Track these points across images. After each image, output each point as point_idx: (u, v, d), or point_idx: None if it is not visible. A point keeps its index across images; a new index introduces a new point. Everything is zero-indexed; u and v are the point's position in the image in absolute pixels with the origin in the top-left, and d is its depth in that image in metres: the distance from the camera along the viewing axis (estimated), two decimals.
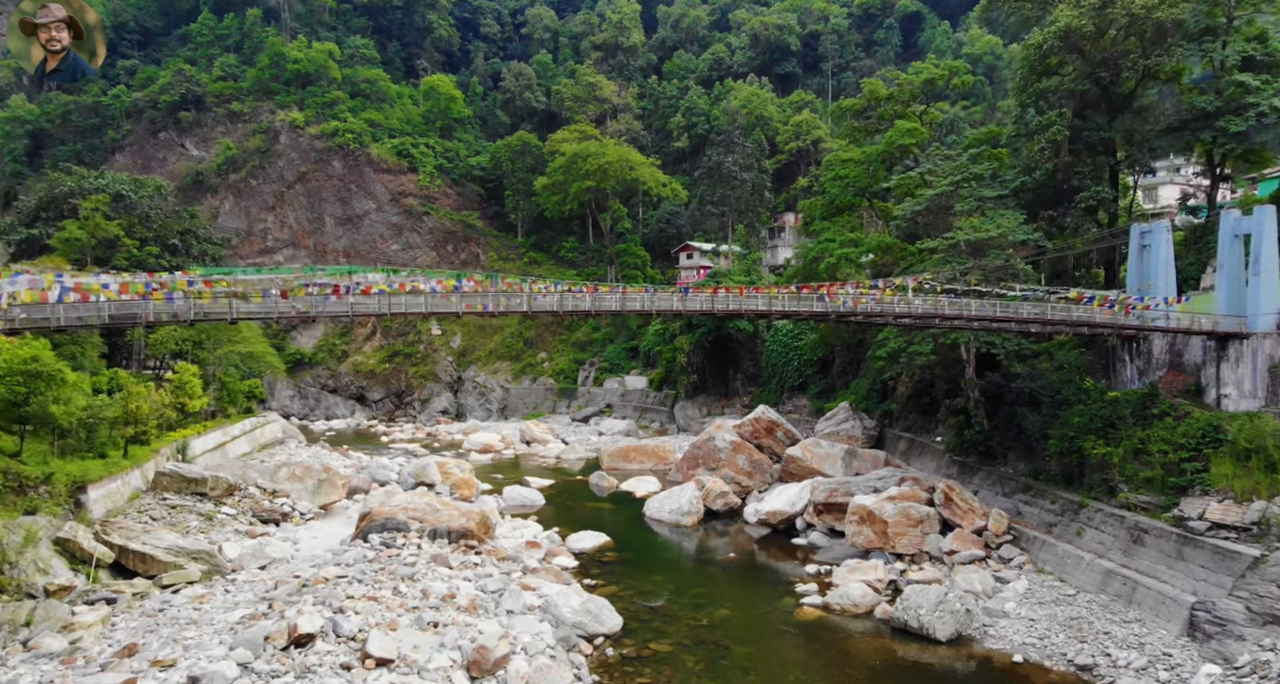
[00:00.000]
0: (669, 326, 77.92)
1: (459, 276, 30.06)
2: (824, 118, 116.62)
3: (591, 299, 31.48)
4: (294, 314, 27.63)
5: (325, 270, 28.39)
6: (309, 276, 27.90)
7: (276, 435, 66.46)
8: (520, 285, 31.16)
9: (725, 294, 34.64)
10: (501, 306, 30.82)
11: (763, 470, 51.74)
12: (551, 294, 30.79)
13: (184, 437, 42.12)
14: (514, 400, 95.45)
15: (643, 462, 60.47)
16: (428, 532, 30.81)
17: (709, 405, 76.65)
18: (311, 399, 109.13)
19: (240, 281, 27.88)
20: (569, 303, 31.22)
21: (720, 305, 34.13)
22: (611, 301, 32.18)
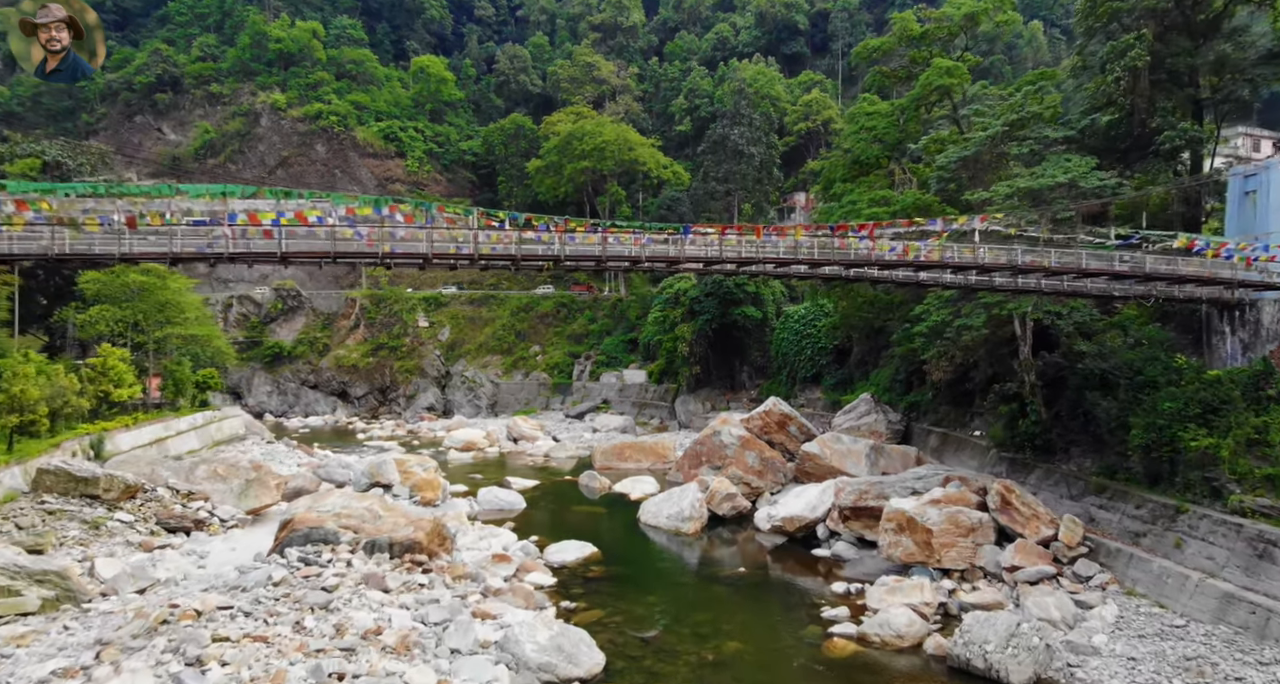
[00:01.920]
0: (669, 315, 71.58)
1: (378, 204, 23.74)
2: (835, 97, 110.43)
3: (560, 244, 25.18)
4: (138, 254, 21.35)
5: (188, 190, 21.90)
6: (169, 199, 21.63)
7: (236, 431, 60.21)
8: (465, 219, 24.95)
9: (737, 236, 28.13)
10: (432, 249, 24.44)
11: (775, 469, 45.37)
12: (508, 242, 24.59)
13: (101, 430, 35.80)
14: (505, 396, 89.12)
15: (640, 460, 54.13)
16: (363, 544, 24.49)
17: (713, 399, 70.29)
18: (290, 395, 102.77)
19: (72, 203, 21.53)
20: (531, 248, 24.99)
21: (731, 253, 27.60)
22: (587, 247, 25.88)
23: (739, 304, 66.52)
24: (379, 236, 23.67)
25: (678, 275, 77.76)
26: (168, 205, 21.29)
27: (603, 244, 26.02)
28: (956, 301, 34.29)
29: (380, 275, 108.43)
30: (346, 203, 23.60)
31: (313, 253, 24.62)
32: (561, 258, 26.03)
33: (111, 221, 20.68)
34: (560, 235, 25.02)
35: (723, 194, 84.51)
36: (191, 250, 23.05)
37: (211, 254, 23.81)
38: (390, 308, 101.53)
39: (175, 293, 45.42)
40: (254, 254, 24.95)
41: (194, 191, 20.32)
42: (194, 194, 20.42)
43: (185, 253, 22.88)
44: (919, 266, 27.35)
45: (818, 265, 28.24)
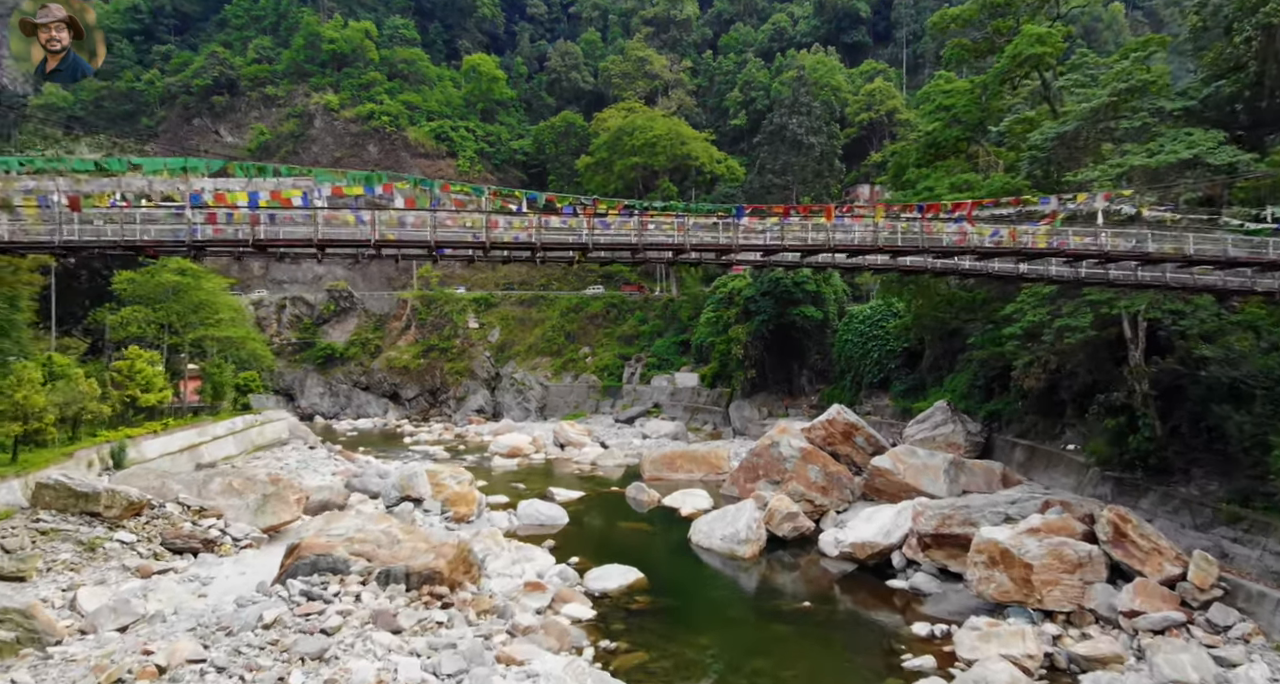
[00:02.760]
0: (723, 315, 67.87)
1: (369, 181, 20.75)
2: (899, 87, 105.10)
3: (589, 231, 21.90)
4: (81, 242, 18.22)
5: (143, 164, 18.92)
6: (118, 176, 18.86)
7: (278, 435, 58.76)
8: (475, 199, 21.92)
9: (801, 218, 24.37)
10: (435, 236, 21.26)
11: (840, 485, 41.42)
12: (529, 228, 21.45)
13: (123, 437, 33.98)
14: (554, 399, 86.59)
15: (691, 470, 50.67)
16: (376, 574, 21.67)
17: (770, 405, 66.34)
18: (342, 397, 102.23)
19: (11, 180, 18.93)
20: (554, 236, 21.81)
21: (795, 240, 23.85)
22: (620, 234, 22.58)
23: (798, 304, 62.49)
24: (385, 220, 20.74)
25: (732, 274, 73.99)
26: (119, 184, 18.70)
27: (639, 231, 22.67)
28: (1055, 299, 29.93)
29: (431, 276, 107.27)
30: (332, 180, 20.76)
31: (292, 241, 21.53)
32: (590, 246, 22.79)
33: (51, 203, 18.07)
34: (589, 219, 21.80)
35: (780, 188, 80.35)
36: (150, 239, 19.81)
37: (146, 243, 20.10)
38: (441, 309, 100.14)
39: (209, 293, 43.87)
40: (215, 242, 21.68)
41: (150, 166, 17.72)
42: (150, 169, 17.85)
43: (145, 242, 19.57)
44: (1024, 255, 23.20)
45: (901, 254, 24.28)
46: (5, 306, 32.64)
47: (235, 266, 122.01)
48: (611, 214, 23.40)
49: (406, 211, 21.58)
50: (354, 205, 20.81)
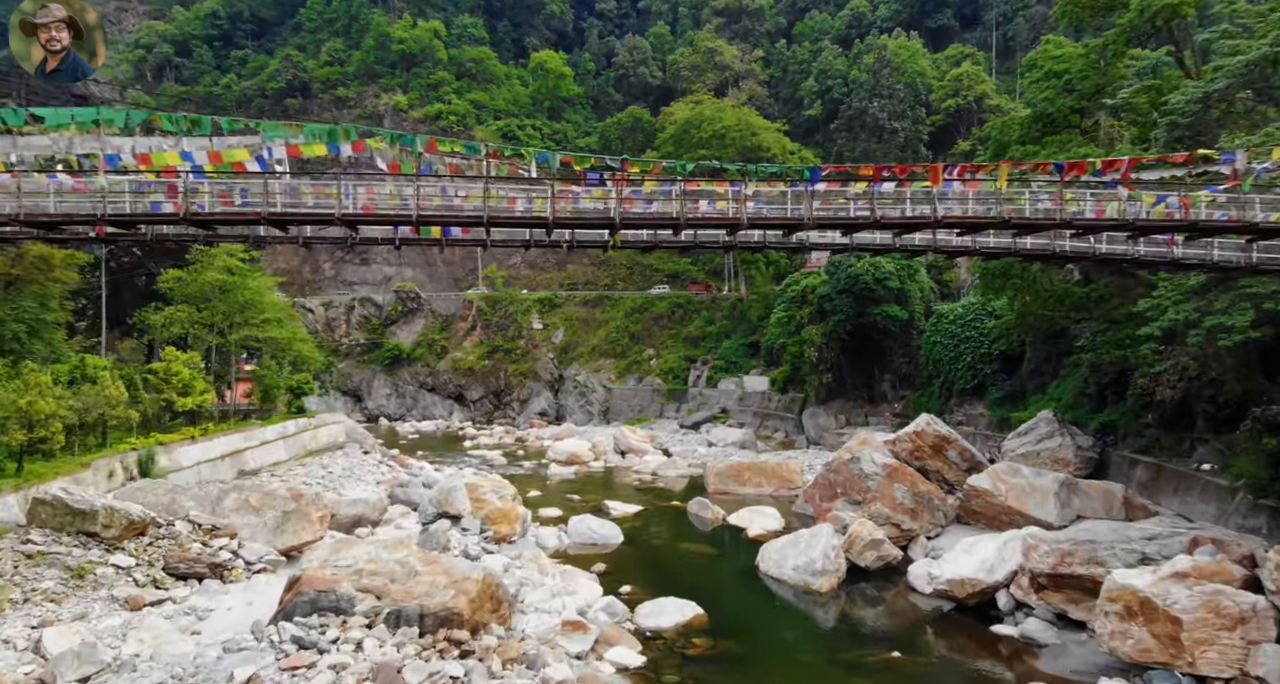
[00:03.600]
0: (795, 315, 63.29)
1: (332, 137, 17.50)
2: (988, 72, 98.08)
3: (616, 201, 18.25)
4: None
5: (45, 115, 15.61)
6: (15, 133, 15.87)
7: (334, 439, 57.18)
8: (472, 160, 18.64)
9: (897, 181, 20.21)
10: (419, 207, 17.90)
11: (932, 507, 36.59)
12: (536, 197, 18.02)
13: (155, 443, 32.07)
14: (617, 402, 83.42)
15: (760, 484, 46.49)
16: (385, 614, 18.54)
17: (848, 412, 61.40)
18: (409, 398, 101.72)
19: None
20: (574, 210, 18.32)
21: (894, 213, 19.62)
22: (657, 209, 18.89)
23: (879, 302, 57.46)
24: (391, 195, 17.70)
25: (805, 271, 69.33)
26: (14, 143, 15.88)
27: (680, 203, 18.90)
28: (1203, 292, 24.73)
29: (496, 276, 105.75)
30: (286, 136, 17.62)
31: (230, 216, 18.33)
32: (617, 222, 19.16)
33: None
34: (619, 188, 18.20)
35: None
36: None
37: None
38: (505, 309, 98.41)
39: (255, 292, 42.22)
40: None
41: (54, 120, 15.02)
42: (53, 123, 15.12)
43: None
44: (1201, 230, 18.30)
45: (1035, 229, 19.62)
46: (35, 306, 31.33)
47: (307, 267, 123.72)
48: (648, 182, 19.79)
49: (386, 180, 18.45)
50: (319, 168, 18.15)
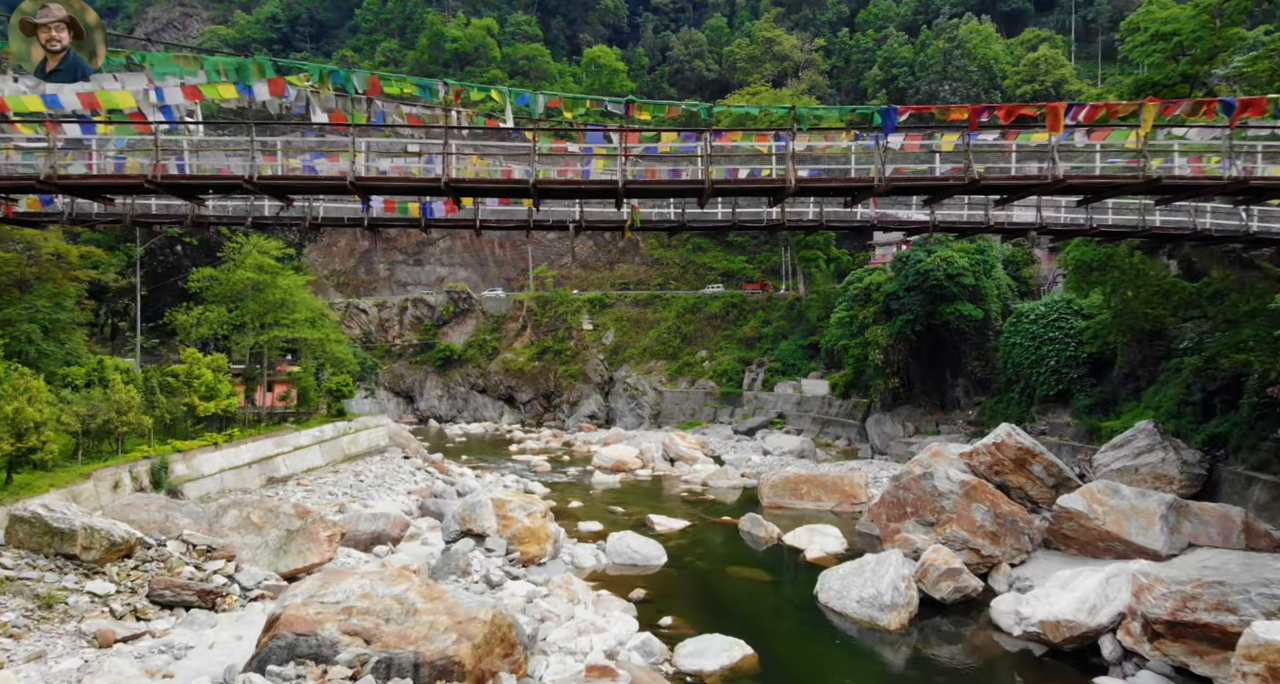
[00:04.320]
0: (858, 315, 59.18)
1: (242, 72, 14.69)
2: (1066, 56, 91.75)
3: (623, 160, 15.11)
4: None
5: None
6: None
7: (375, 443, 55.60)
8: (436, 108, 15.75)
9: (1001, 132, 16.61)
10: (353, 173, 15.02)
11: (1016, 530, 32.44)
12: None
13: (172, 450, 30.37)
14: (668, 406, 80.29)
15: (819, 498, 42.79)
16: (374, 663, 15.86)
17: (916, 420, 57.03)
18: (460, 400, 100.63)
19: None
20: None
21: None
22: None
23: (951, 300, 53.01)
24: None
25: (868, 267, 65.13)
26: None
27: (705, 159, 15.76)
28: None
29: (546, 276, 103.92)
30: (181, 73, 14.78)
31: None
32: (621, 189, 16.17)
33: None
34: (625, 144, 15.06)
35: None
36: None
37: None
38: (555, 309, 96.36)
39: (285, 291, 40.56)
40: None
41: None
42: None
43: None
44: None
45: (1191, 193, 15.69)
46: (49, 305, 29.98)
47: (362, 269, 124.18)
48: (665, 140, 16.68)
49: None
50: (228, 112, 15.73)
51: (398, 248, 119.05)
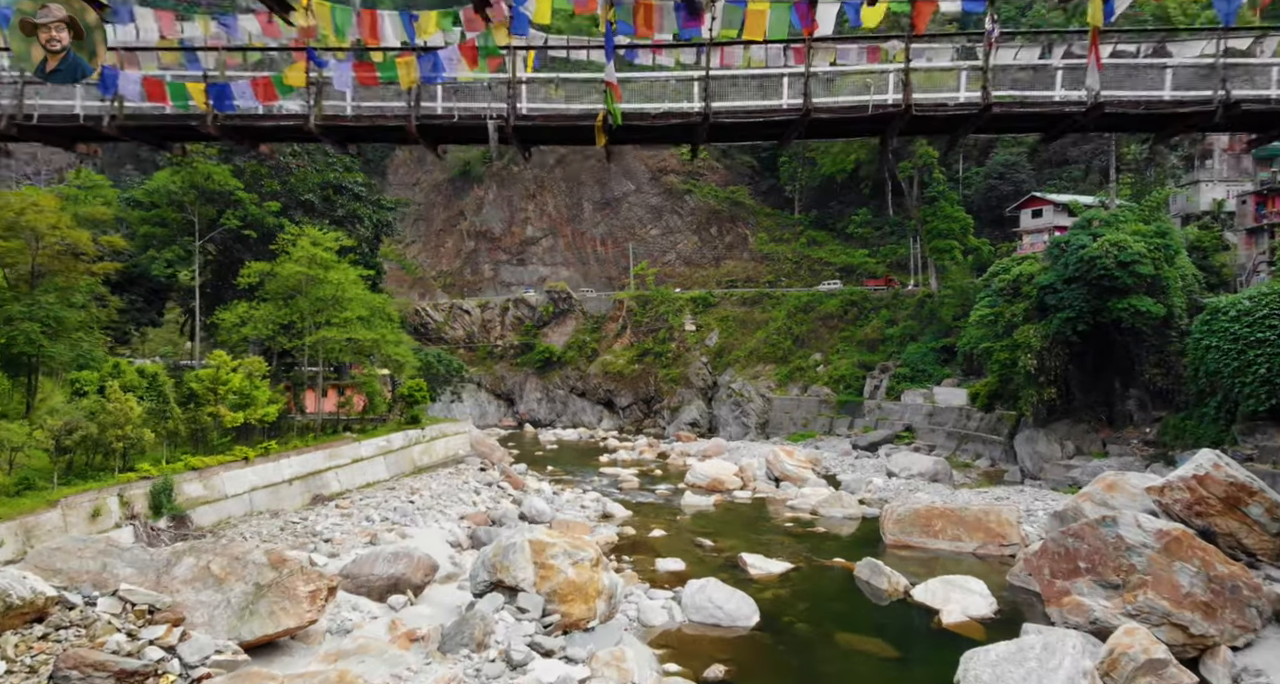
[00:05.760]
0: (1004, 312, 49.97)
1: None
2: None
3: None
4: None
5: None
6: None
7: (453, 452, 51.58)
8: None
9: None
10: None
11: (1237, 600, 23.74)
12: None
13: (172, 471, 26.44)
14: (777, 414, 72.76)
15: (958, 537, 34.76)
16: None
17: (1077, 438, 47.39)
18: (559, 403, 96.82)
19: None
20: None
21: None
22: None
23: (1124, 293, 43.31)
24: None
25: (1016, 256, 55.67)
26: None
27: None
28: None
29: (647, 274, 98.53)
30: None
31: None
32: None
33: None
34: None
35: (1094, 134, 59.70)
36: None
37: None
38: (656, 309, 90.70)
39: (336, 286, 36.60)
40: None
41: None
42: None
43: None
44: None
45: None
46: (54, 302, 26.81)
47: (468, 269, 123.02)
48: None
49: None
50: None
51: (502, 247, 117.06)
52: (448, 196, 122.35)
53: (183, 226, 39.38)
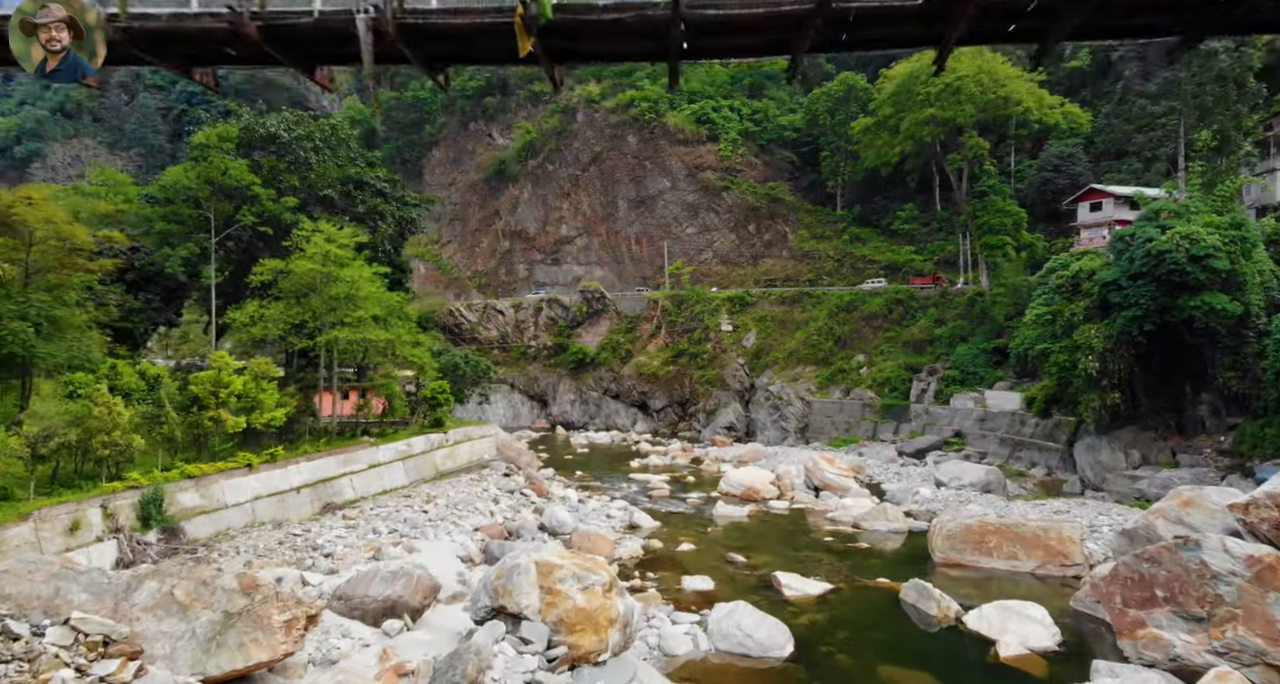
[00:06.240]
0: (1063, 310, 46.50)
1: None
2: None
3: None
4: None
5: None
6: None
7: (478, 456, 49.93)
8: None
9: None
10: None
11: None
12: None
13: (173, 479, 25.02)
14: (818, 418, 69.76)
15: (1014, 556, 31.81)
16: None
17: (1144, 447, 43.82)
18: (592, 405, 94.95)
19: None
20: None
21: None
22: None
23: (1195, 290, 39.77)
24: None
25: (1076, 250, 52.14)
26: None
27: None
28: None
29: (682, 272, 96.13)
30: None
31: None
32: None
33: None
34: None
35: (1158, 118, 55.57)
36: None
37: None
38: (691, 309, 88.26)
39: (350, 284, 34.99)
40: None
41: None
42: None
43: None
44: None
45: None
46: (45, 299, 25.57)
47: (503, 270, 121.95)
48: None
49: None
50: None
51: (536, 247, 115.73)
52: (483, 196, 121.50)
53: (199, 223, 38.33)
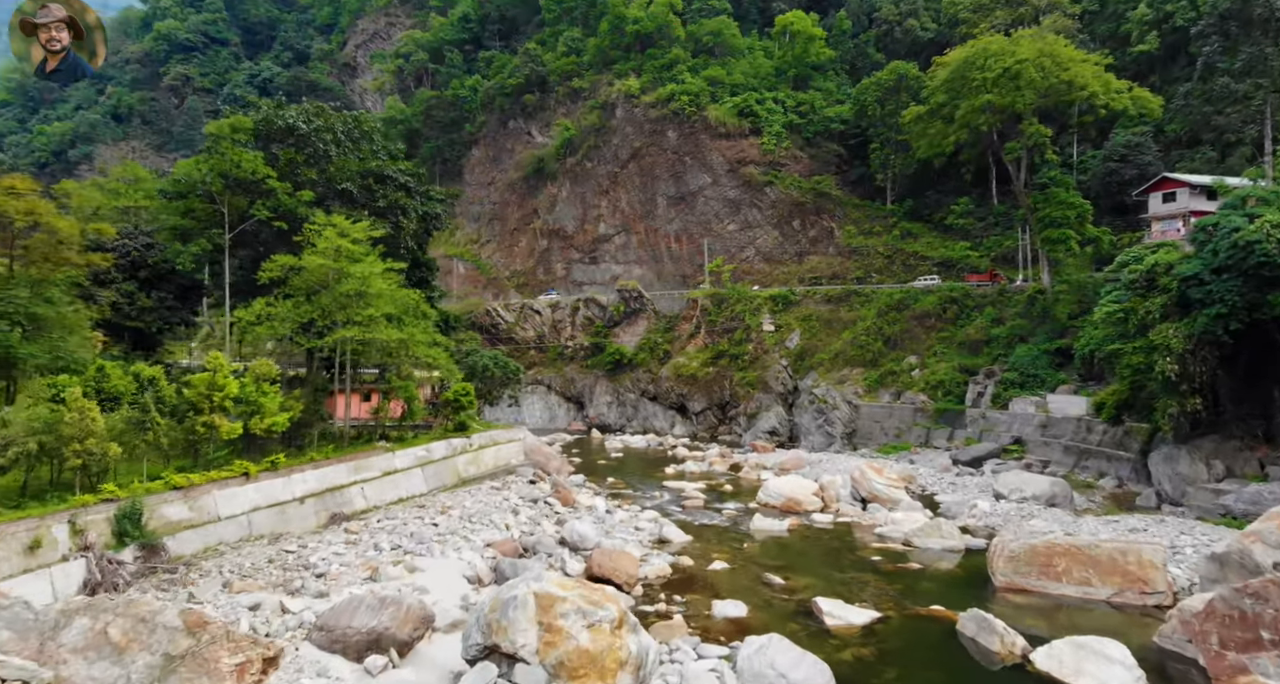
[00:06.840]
0: (1136, 308, 42.42)
1: None
2: None
3: None
4: None
5: None
6: None
7: (504, 461, 47.91)
8: None
9: None
10: None
11: None
12: None
13: (156, 490, 23.24)
14: (865, 423, 66.12)
15: (1088, 581, 28.37)
16: None
17: (1228, 457, 39.59)
18: (629, 407, 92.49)
19: None
20: None
21: None
22: None
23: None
24: None
25: (1150, 243, 47.94)
26: None
27: None
28: None
29: (722, 270, 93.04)
30: None
31: None
32: None
33: None
34: None
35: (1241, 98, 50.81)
36: None
37: None
38: (732, 309, 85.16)
39: (360, 281, 33.01)
40: None
41: None
42: None
43: None
44: None
45: None
46: (26, 296, 24.05)
47: (540, 269, 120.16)
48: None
49: None
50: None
51: (574, 246, 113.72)
52: (521, 195, 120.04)
53: (212, 218, 36.92)
